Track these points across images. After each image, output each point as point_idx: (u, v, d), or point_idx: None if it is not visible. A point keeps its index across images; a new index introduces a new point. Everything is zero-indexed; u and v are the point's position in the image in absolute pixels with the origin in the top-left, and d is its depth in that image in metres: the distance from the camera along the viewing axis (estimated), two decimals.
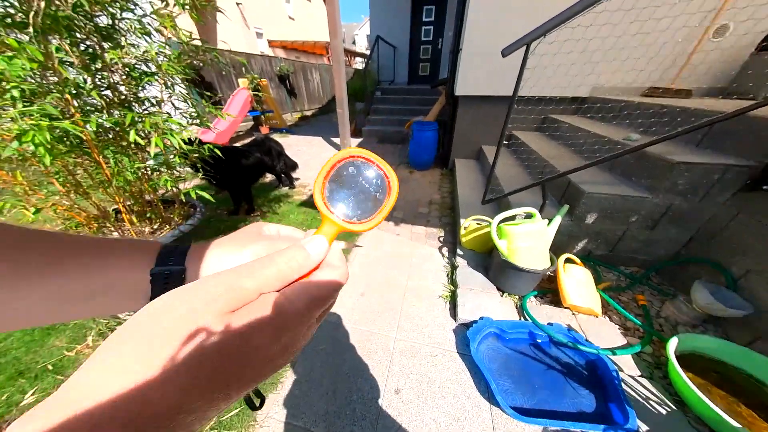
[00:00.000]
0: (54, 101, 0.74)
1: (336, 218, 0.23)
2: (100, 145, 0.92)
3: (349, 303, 1.43)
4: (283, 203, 2.53)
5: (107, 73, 0.94)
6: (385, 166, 0.24)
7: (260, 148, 2.40)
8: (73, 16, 0.74)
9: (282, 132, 5.87)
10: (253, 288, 0.16)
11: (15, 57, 0.65)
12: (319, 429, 0.90)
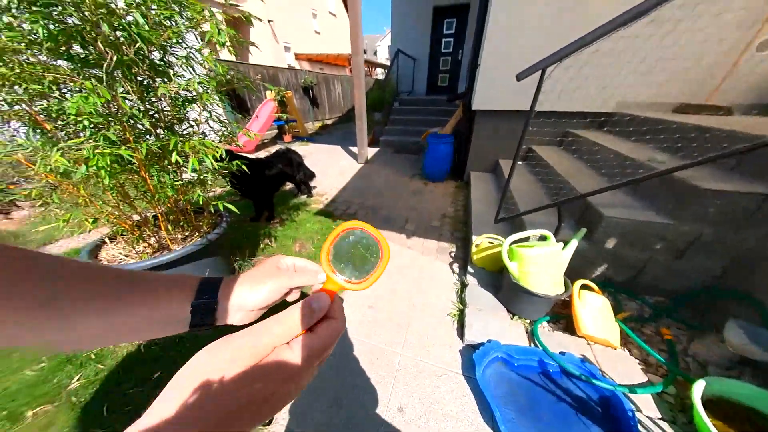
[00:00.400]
0: (115, 131, 0.87)
1: (338, 279, 0.27)
2: (147, 164, 1.05)
3: (357, 315, 1.47)
4: (301, 211, 2.65)
5: (156, 101, 1.08)
6: (378, 235, 0.28)
7: (282, 160, 2.55)
8: (135, 59, 0.88)
9: (303, 140, 6.15)
10: (269, 343, 0.20)
11: (89, 96, 0.78)
12: None
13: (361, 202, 2.96)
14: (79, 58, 0.86)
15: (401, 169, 4.12)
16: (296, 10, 11.64)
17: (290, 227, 2.33)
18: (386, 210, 2.78)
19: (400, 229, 2.39)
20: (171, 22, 0.98)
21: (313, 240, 2.14)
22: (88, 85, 0.78)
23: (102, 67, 0.81)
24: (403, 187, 3.41)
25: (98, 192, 1.06)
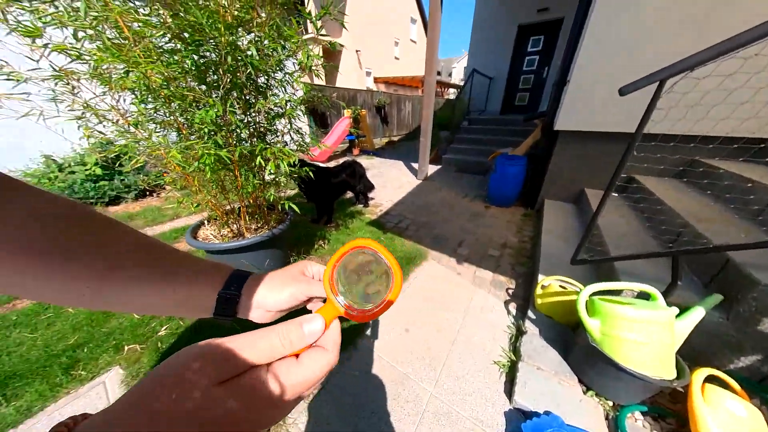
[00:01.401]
0: (222, 137, 1.10)
1: (338, 303, 0.24)
2: (240, 164, 1.28)
3: (391, 335, 1.39)
4: (355, 219, 2.78)
5: (255, 115, 1.33)
6: (391, 261, 0.24)
7: (347, 170, 2.76)
8: (244, 82, 1.10)
9: (369, 154, 6.58)
10: (248, 359, 0.18)
11: (210, 109, 1.01)
12: None
13: (414, 217, 2.92)
14: (211, 82, 1.13)
15: (462, 189, 3.92)
16: (381, 41, 12.99)
17: (343, 232, 2.46)
18: (439, 229, 2.65)
19: (451, 252, 2.22)
20: (275, 53, 1.20)
21: None
22: (210, 102, 1.01)
23: (220, 88, 1.04)
24: (462, 208, 3.21)
25: (204, 183, 1.34)
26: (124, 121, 1.11)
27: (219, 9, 1.01)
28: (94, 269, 0.24)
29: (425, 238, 2.46)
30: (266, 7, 1.08)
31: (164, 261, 0.29)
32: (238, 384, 0.17)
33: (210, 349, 0.18)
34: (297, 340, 0.21)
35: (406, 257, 2.08)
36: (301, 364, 0.20)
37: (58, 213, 0.23)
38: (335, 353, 0.21)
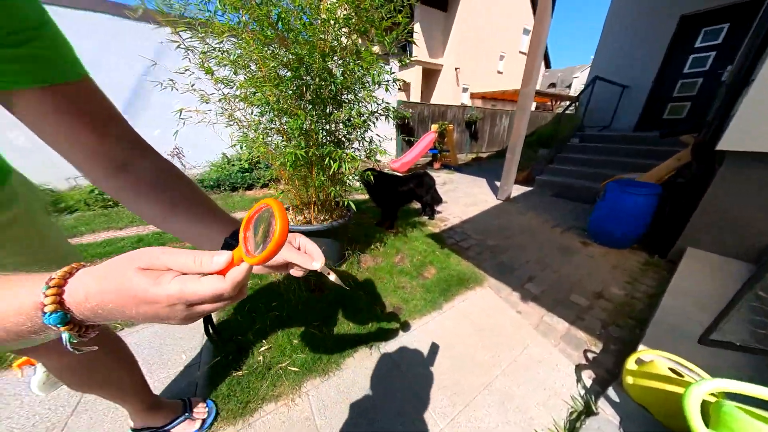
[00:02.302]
0: (304, 140, 1.38)
1: (242, 247, 0.28)
2: (315, 163, 1.56)
3: (419, 350, 1.31)
4: (416, 229, 2.78)
5: (333, 124, 1.59)
6: (277, 217, 0.26)
7: (415, 180, 2.82)
8: (327, 97, 1.36)
9: (450, 169, 6.42)
10: (167, 263, 0.25)
11: (297, 119, 1.30)
12: None
13: (480, 238, 2.64)
14: (305, 98, 1.45)
15: (553, 217, 3.25)
16: (484, 56, 12.59)
17: (400, 239, 2.50)
18: (508, 256, 2.29)
19: (516, 285, 1.88)
20: (355, 72, 1.42)
21: (414, 258, 2.17)
22: (300, 113, 1.30)
23: (307, 102, 1.32)
24: (546, 238, 2.66)
25: (290, 177, 1.69)
26: (251, 128, 1.58)
27: (318, 42, 1.30)
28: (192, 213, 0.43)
29: (487, 262, 2.19)
30: (351, 36, 1.30)
31: (213, 209, 0.46)
32: (149, 272, 0.25)
33: (149, 250, 0.26)
34: (205, 264, 0.27)
35: (458, 277, 1.91)
36: (199, 280, 0.26)
37: (176, 173, 0.45)
38: (230, 285, 0.26)
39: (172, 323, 0.27)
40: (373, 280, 1.83)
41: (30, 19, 0.34)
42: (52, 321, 0.22)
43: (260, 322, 1.40)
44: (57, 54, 0.37)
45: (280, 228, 0.25)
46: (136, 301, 0.24)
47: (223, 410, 0.99)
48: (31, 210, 0.55)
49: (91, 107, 0.40)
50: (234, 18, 1.30)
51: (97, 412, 0.96)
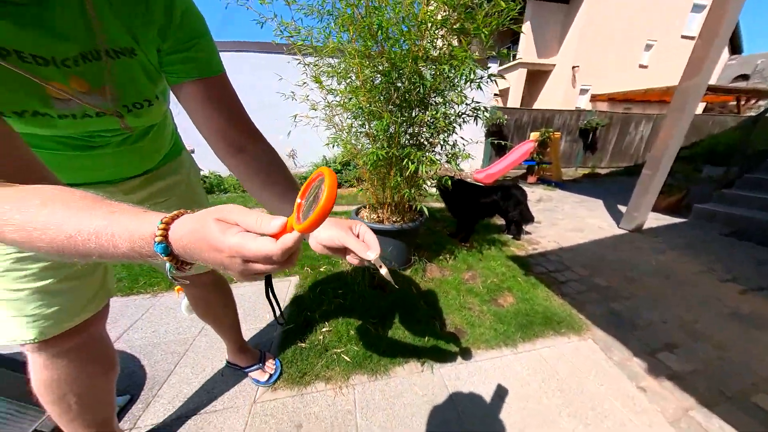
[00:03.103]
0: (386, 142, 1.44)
1: (294, 214, 0.28)
2: (393, 164, 1.60)
3: (477, 394, 1.11)
4: (495, 248, 2.44)
5: (416, 127, 1.59)
6: (327, 180, 0.24)
7: (502, 192, 2.49)
8: (414, 99, 1.37)
9: (550, 185, 5.39)
10: (236, 219, 0.28)
11: (383, 121, 1.37)
12: None
13: (586, 274, 2.06)
14: (393, 102, 1.51)
15: (725, 267, 2.19)
16: (619, 49, 9.99)
17: (474, 255, 2.25)
18: (628, 306, 1.68)
19: (639, 348, 1.35)
20: (445, 73, 1.37)
21: (488, 279, 1.90)
22: (386, 116, 1.36)
23: (393, 105, 1.37)
24: (706, 293, 1.82)
25: (370, 176, 1.80)
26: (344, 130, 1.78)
27: (412, 47, 1.33)
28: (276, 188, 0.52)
29: (592, 306, 1.67)
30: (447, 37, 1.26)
31: (295, 189, 0.52)
32: (223, 223, 0.28)
33: (226, 206, 0.30)
34: (264, 225, 0.28)
35: (545, 315, 1.54)
36: (256, 238, 0.27)
37: (275, 159, 0.55)
38: (279, 249, 0.27)
39: (232, 275, 0.29)
40: (437, 293, 1.71)
41: (197, 29, 0.48)
42: (158, 250, 0.28)
43: (326, 305, 1.54)
44: (209, 55, 0.51)
45: (325, 197, 0.24)
46: (207, 246, 0.27)
47: (285, 372, 1.13)
48: (192, 176, 0.79)
49: (223, 96, 0.53)
50: (343, 36, 1.51)
51: (212, 341, 1.28)
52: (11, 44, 0.37)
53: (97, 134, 0.54)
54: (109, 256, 0.29)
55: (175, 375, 1.11)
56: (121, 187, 0.66)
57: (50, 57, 0.40)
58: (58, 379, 0.62)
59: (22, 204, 0.29)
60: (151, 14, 0.44)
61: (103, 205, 0.31)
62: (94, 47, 0.43)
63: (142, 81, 0.50)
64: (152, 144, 0.66)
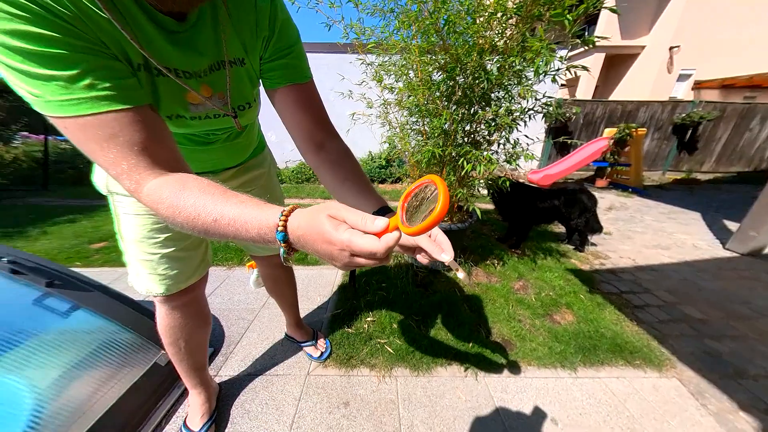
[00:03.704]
0: (442, 139, 1.41)
1: (399, 216, 0.30)
2: (448, 162, 1.56)
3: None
4: (552, 258, 2.20)
5: (475, 124, 1.52)
6: (441, 192, 0.25)
7: (565, 197, 2.22)
8: (475, 96, 1.31)
9: (627, 190, 4.60)
10: (344, 216, 0.32)
11: (441, 118, 1.34)
12: None
13: (672, 301, 1.73)
14: (454, 99, 1.46)
15: None
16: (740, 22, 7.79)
17: (526, 264, 2.08)
18: (734, 348, 1.36)
19: (749, 401, 1.09)
20: (514, 65, 1.27)
21: (542, 292, 1.74)
22: (444, 113, 1.33)
23: (453, 102, 1.32)
24: None
25: (421, 174, 1.79)
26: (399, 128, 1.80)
27: (478, 40, 1.27)
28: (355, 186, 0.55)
29: (682, 341, 1.40)
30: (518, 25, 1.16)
31: (368, 186, 0.56)
32: (335, 219, 0.32)
33: (336, 204, 0.34)
34: (368, 224, 0.31)
35: (613, 341, 1.35)
36: (361, 235, 0.31)
37: (350, 155, 0.59)
38: (383, 247, 0.30)
39: (336, 265, 0.34)
40: (482, 299, 1.64)
41: (292, 39, 0.54)
42: (279, 237, 0.33)
43: (370, 296, 1.61)
44: (300, 62, 0.56)
45: (441, 205, 0.26)
46: (321, 239, 0.32)
47: (334, 353, 1.23)
48: (271, 169, 0.90)
49: (310, 100, 0.58)
50: (405, 33, 1.51)
51: (273, 314, 1.46)
52: (173, 64, 0.47)
53: (212, 132, 0.65)
54: (240, 238, 0.36)
55: (246, 338, 1.30)
56: (221, 177, 0.79)
57: (193, 71, 0.50)
58: (173, 326, 0.79)
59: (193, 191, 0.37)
60: (259, 28, 0.51)
61: (230, 194, 0.38)
62: (219, 59, 0.51)
63: (246, 86, 0.59)
64: (246, 140, 0.77)
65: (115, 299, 1.03)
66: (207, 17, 0.46)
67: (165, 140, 0.42)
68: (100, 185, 0.67)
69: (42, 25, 0.31)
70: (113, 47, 0.38)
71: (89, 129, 0.36)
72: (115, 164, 0.37)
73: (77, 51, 0.34)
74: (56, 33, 0.32)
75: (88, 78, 0.34)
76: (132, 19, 0.39)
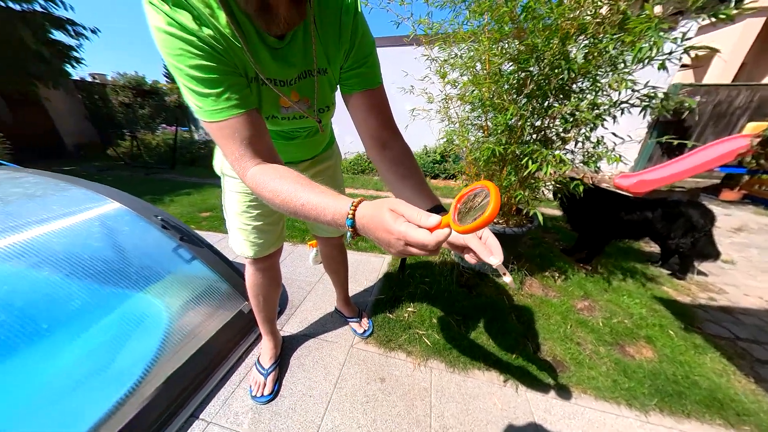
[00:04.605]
0: (505, 136, 1.32)
1: (451, 215, 0.34)
2: (509, 161, 1.46)
3: None
4: (636, 281, 1.84)
5: (548, 120, 1.36)
6: (493, 195, 0.28)
7: (664, 210, 1.80)
8: (551, 88, 1.17)
9: None
10: (402, 211, 0.37)
11: (506, 113, 1.25)
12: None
13: None
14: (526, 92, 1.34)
15: None
16: None
17: (597, 283, 1.79)
18: None
19: None
20: (606, 51, 1.08)
21: (614, 317, 1.49)
22: (510, 107, 1.24)
23: (523, 95, 1.21)
24: None
25: (478, 171, 1.71)
26: (459, 123, 1.75)
27: (562, 24, 1.12)
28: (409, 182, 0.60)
29: None
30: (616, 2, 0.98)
31: (424, 185, 0.60)
32: (394, 213, 0.38)
33: (396, 200, 0.40)
34: (423, 220, 0.36)
35: (710, 394, 1.08)
36: (416, 228, 0.35)
37: (410, 155, 0.64)
38: (434, 241, 0.34)
39: (391, 252, 0.39)
40: (534, 312, 1.51)
41: (369, 49, 0.60)
42: (348, 223, 0.41)
43: (412, 288, 1.66)
44: (373, 70, 0.62)
45: (491, 209, 0.28)
46: (381, 228, 0.38)
47: (375, 333, 1.34)
48: (337, 161, 1.02)
49: (380, 104, 0.64)
50: (476, 23, 1.44)
51: (326, 289, 1.66)
52: (273, 75, 0.58)
53: (296, 130, 0.78)
54: (318, 220, 0.45)
55: (303, 305, 1.53)
56: (299, 167, 0.94)
57: (286, 80, 0.61)
58: (256, 284, 1.00)
59: (286, 180, 0.48)
60: (341, 41, 0.58)
61: (314, 185, 0.47)
62: (307, 68, 0.61)
63: (327, 92, 0.68)
64: (322, 137, 0.89)
65: (218, 257, 1.35)
66: (300, 34, 0.55)
67: (265, 136, 0.55)
68: (216, 167, 0.89)
69: (209, 59, 0.45)
70: (240, 66, 0.52)
71: (223, 129, 0.50)
72: (231, 153, 0.51)
73: (224, 74, 0.47)
74: (215, 63, 0.45)
75: (227, 93, 0.48)
76: (252, 44, 0.51)
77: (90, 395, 0.87)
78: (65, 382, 0.87)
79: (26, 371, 0.83)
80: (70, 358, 0.91)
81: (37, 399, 0.82)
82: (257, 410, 1.00)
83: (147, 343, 1.03)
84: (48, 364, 0.87)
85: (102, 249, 1.17)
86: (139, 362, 0.97)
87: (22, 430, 0.75)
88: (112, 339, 1.02)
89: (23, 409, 0.78)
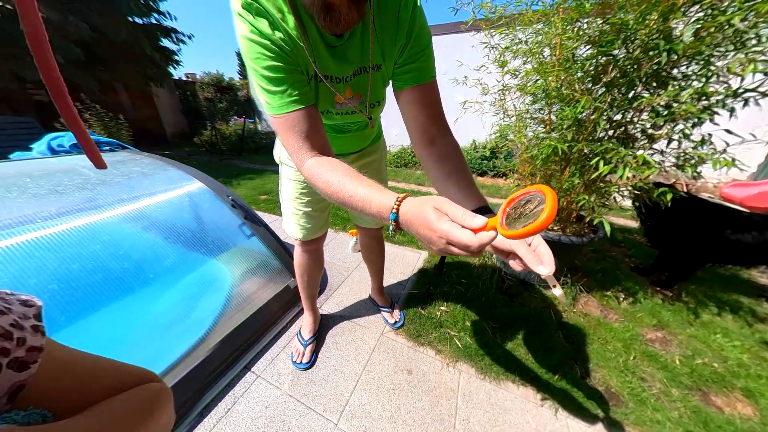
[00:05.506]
0: (572, 132, 1.16)
1: (499, 218, 0.32)
2: (575, 160, 1.28)
3: None
4: (735, 318, 1.46)
5: (633, 113, 1.14)
6: (548, 202, 0.25)
7: None
8: (639, 76, 0.97)
9: None
10: (447, 210, 0.37)
11: (577, 105, 1.09)
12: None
13: None
14: (602, 81, 1.14)
15: None
16: None
17: (678, 313, 1.48)
18: None
19: None
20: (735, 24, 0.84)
21: (698, 357, 1.22)
22: (582, 99, 1.07)
23: (598, 83, 1.03)
24: None
25: (534, 171, 1.55)
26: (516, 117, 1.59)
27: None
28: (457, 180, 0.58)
29: None
30: None
31: (470, 184, 0.58)
32: (439, 211, 0.37)
33: (440, 198, 0.39)
34: (467, 220, 0.35)
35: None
36: (459, 228, 0.35)
37: (458, 152, 0.61)
38: (477, 243, 0.33)
39: (433, 249, 0.39)
40: (587, 334, 1.33)
41: (424, 43, 0.58)
42: (392, 217, 0.42)
43: (447, 287, 1.62)
44: (428, 63, 0.60)
45: (546, 216, 0.26)
46: (424, 225, 0.38)
47: (406, 326, 1.36)
48: (383, 155, 1.03)
49: (432, 99, 0.62)
50: (549, 1, 1.27)
51: (362, 277, 1.74)
52: (330, 72, 0.62)
53: (347, 124, 0.82)
54: (364, 212, 0.47)
55: (341, 288, 1.63)
56: (347, 159, 0.99)
57: (342, 76, 0.64)
58: (302, 264, 1.11)
59: (338, 173, 0.51)
60: (398, 37, 0.58)
61: (362, 178, 0.50)
62: (362, 65, 0.63)
63: (380, 87, 0.69)
64: (370, 131, 0.91)
65: (272, 236, 1.53)
66: (357, 32, 0.57)
67: (320, 130, 0.59)
68: (276, 156, 0.99)
69: (278, 59, 0.50)
70: (302, 65, 0.56)
71: (286, 122, 0.55)
72: (290, 145, 0.56)
73: (289, 72, 0.52)
74: (284, 63, 0.50)
75: (290, 89, 0.53)
76: (314, 43, 0.55)
77: (174, 337, 1.09)
78: (161, 322, 1.12)
79: (139, 309, 1.08)
80: (164, 305, 1.16)
81: (143, 332, 1.06)
82: (296, 374, 1.13)
83: (215, 301, 1.25)
84: (152, 305, 1.12)
85: (189, 220, 1.43)
86: (209, 316, 1.18)
87: (133, 355, 0.99)
88: (192, 294, 1.25)
89: (136, 337, 1.03)
